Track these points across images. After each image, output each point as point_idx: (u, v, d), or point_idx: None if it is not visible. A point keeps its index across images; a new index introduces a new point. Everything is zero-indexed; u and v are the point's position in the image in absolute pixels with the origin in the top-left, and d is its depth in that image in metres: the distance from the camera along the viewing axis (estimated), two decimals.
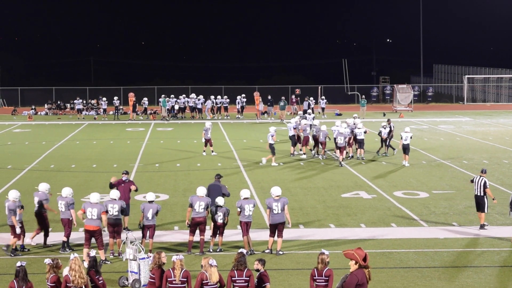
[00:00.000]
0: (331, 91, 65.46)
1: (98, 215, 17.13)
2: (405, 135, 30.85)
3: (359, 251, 10.94)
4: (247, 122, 50.98)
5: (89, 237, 17.21)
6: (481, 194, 20.19)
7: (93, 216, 17.14)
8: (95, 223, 17.13)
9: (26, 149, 37.02)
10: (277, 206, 17.63)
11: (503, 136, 41.56)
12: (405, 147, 30.93)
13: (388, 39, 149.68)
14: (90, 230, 17.14)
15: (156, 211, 17.72)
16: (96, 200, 17.34)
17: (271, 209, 17.65)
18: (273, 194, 17.84)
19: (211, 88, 64.04)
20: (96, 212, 17.14)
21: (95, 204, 17.23)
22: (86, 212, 17.20)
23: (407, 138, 30.77)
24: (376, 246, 18.54)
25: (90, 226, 17.15)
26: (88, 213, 17.17)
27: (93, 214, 17.14)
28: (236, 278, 12.75)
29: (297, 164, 31.57)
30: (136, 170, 30.26)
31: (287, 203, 17.87)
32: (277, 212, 17.65)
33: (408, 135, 30.85)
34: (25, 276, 12.39)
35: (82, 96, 60.23)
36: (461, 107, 62.79)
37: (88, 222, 17.18)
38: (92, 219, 17.14)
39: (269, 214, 17.77)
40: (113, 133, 44.56)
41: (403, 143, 30.87)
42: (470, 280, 15.92)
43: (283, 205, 17.69)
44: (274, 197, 17.77)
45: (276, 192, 17.82)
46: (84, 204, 17.49)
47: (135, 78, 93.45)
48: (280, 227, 17.75)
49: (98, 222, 17.15)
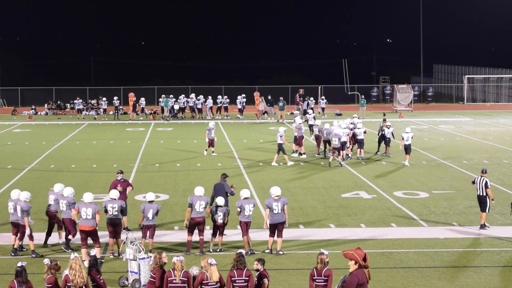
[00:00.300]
0: (331, 91, 65.43)
1: (93, 214, 17.04)
2: (406, 136, 30.95)
3: (359, 251, 10.94)
4: (247, 122, 50.97)
5: (85, 237, 17.13)
6: (484, 194, 20.18)
7: (88, 216, 17.02)
8: (90, 223, 17.04)
9: (26, 149, 37.01)
10: (277, 206, 17.63)
11: (503, 136, 41.56)
12: (407, 147, 31.04)
13: (388, 39, 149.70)
14: (86, 230, 17.06)
15: (157, 211, 17.72)
16: (90, 199, 17.23)
17: (271, 209, 17.64)
18: (273, 194, 17.84)
19: (211, 88, 64.05)
20: (91, 212, 17.05)
21: (89, 204, 17.12)
22: (80, 212, 17.10)
23: (408, 139, 30.87)
24: (376, 246, 18.54)
25: (85, 226, 17.06)
26: (82, 213, 17.05)
27: (88, 214, 17.03)
28: (236, 278, 12.77)
29: (297, 164, 31.56)
30: (136, 170, 30.26)
31: (287, 203, 17.88)
32: (277, 212, 17.65)
33: (409, 136, 30.95)
34: (25, 276, 12.40)
35: (82, 96, 60.20)
36: (461, 107, 62.77)
37: (83, 223, 17.07)
38: (87, 219, 17.04)
39: (268, 214, 17.77)
40: (113, 133, 44.56)
41: (405, 143, 30.98)
42: (470, 280, 15.92)
43: (283, 205, 17.69)
44: (274, 197, 17.77)
45: (276, 192, 17.82)
46: (78, 204, 17.37)
47: (135, 78, 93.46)
48: (280, 227, 17.75)
49: (93, 222, 17.05)
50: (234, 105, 56.23)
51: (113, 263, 17.22)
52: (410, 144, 31.18)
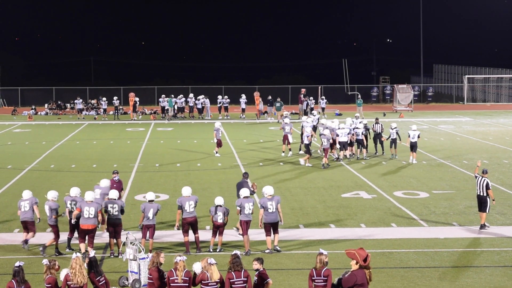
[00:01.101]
0: (331, 91, 65.44)
1: (95, 213, 17.18)
2: (412, 133, 31.38)
3: (361, 251, 10.96)
4: (247, 122, 50.97)
5: (84, 236, 17.27)
6: (484, 194, 20.18)
7: (91, 215, 17.18)
8: (91, 222, 17.20)
9: (26, 149, 37.02)
10: (272, 205, 17.75)
11: (503, 136, 41.57)
12: (413, 144, 31.45)
13: (388, 39, 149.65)
14: (87, 229, 17.19)
15: (157, 210, 17.74)
16: (92, 198, 17.41)
17: (266, 208, 17.75)
18: (266, 193, 17.98)
19: (211, 88, 64.04)
20: (94, 210, 17.20)
21: (91, 203, 17.31)
22: (82, 211, 17.20)
23: (414, 136, 31.29)
24: (376, 246, 18.54)
25: (87, 225, 17.19)
26: (85, 212, 17.17)
27: (90, 213, 17.17)
28: (235, 279, 12.76)
29: (297, 164, 31.55)
30: (136, 170, 30.26)
31: (279, 202, 18.02)
32: (272, 211, 17.77)
33: (415, 133, 31.33)
34: (22, 276, 12.38)
35: (82, 96, 60.22)
36: (461, 107, 62.79)
37: (85, 221, 17.20)
38: (89, 217, 17.18)
39: (262, 214, 17.84)
40: (113, 133, 44.56)
41: (411, 141, 31.33)
42: (470, 280, 15.93)
43: (277, 203, 17.84)
44: (267, 197, 17.89)
45: (269, 191, 17.96)
46: (80, 203, 17.49)
47: (135, 78, 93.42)
48: (274, 225, 17.90)
49: (94, 221, 17.22)
50: (234, 105, 56.19)
51: (113, 263, 17.22)
52: (416, 142, 31.49)
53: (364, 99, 59.04)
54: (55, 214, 17.82)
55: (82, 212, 17.20)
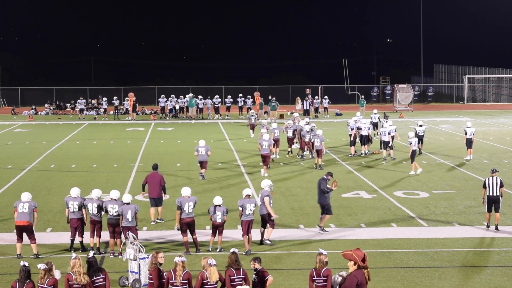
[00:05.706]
0: (332, 91, 65.39)
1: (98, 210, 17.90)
2: (469, 130, 32.27)
3: (358, 251, 10.94)
4: (247, 122, 50.86)
5: (93, 229, 17.90)
6: (496, 193, 20.09)
7: (94, 211, 17.91)
8: (97, 217, 17.94)
9: (26, 149, 37.02)
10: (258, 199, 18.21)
11: (503, 136, 41.56)
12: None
13: (388, 39, 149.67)
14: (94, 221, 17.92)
15: (135, 212, 17.55)
16: (97, 196, 18.04)
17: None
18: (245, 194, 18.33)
19: (211, 88, 64.03)
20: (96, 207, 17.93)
21: (97, 200, 17.94)
22: (87, 208, 17.97)
23: (470, 133, 32.24)
24: (376, 246, 18.54)
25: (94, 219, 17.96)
26: (90, 208, 17.96)
27: (94, 210, 17.90)
28: (235, 276, 12.91)
29: (297, 164, 31.56)
30: (136, 170, 30.25)
31: (265, 195, 18.36)
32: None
33: (471, 130, 32.30)
34: (24, 276, 12.38)
35: (82, 96, 60.21)
36: (462, 107, 62.79)
37: (93, 217, 17.96)
38: (94, 213, 17.92)
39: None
40: (113, 133, 44.56)
41: (467, 137, 32.36)
42: (470, 280, 15.92)
43: (261, 197, 18.41)
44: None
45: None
46: (86, 201, 18.04)
47: (135, 78, 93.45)
48: (265, 217, 18.39)
49: (99, 216, 17.96)
50: (235, 105, 56.20)
51: (113, 263, 17.22)
52: (471, 138, 32.35)
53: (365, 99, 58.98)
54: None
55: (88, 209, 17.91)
